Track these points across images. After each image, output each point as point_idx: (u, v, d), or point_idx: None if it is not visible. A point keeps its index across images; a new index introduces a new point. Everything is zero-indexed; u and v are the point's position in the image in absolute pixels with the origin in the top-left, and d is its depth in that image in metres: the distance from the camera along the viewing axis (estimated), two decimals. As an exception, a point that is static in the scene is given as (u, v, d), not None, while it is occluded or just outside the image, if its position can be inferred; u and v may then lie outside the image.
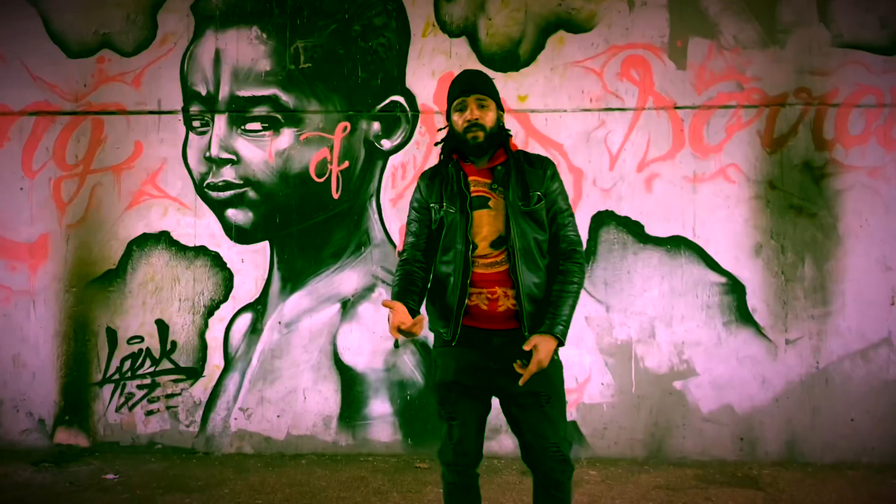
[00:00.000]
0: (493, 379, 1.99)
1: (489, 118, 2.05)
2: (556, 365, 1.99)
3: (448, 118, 2.13)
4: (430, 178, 2.14)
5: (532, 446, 1.97)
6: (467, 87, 2.08)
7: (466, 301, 2.00)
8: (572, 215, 2.14)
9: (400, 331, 1.85)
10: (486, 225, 2.02)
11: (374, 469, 3.21)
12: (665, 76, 3.33)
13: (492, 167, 2.08)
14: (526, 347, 1.89)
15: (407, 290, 2.05)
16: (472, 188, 2.06)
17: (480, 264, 2.01)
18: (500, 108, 2.12)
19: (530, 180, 2.06)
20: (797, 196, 3.28)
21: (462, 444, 2.00)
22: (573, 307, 2.00)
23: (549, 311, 1.98)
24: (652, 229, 3.33)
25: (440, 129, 2.23)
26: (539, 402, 1.96)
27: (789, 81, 3.29)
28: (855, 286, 3.25)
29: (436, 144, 2.28)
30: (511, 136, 2.16)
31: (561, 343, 1.93)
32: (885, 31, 3.26)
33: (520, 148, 2.19)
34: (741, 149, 3.30)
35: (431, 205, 2.10)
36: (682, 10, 3.33)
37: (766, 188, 3.29)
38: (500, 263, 2.01)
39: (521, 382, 1.89)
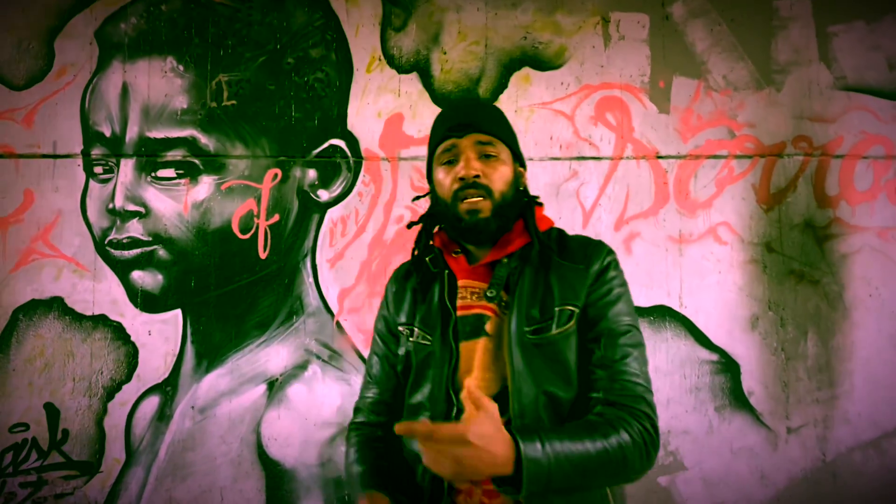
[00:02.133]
0: None
1: (499, 176, 1.25)
2: None
3: (430, 178, 1.34)
4: (401, 282, 1.37)
5: None
6: (462, 122, 1.24)
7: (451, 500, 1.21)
8: (641, 345, 1.25)
9: None
10: (479, 368, 1.20)
11: (302, 589, 2.67)
12: (646, 121, 2.89)
13: (495, 260, 1.27)
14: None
15: (376, 467, 1.31)
16: (458, 301, 1.24)
17: None
18: (519, 160, 1.33)
19: (558, 283, 1.22)
20: (798, 260, 2.85)
21: None
22: (584, 457, 1.15)
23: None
24: (632, 297, 2.85)
25: (415, 199, 1.48)
26: None
27: (787, 128, 2.87)
28: (865, 365, 2.81)
29: (408, 226, 1.46)
30: (540, 204, 1.37)
31: (519, 476, 1.06)
32: (895, 74, 2.86)
33: (556, 225, 1.34)
34: (733, 205, 2.86)
35: (398, 328, 1.33)
36: (664, 45, 2.91)
37: (762, 251, 2.85)
38: None
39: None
